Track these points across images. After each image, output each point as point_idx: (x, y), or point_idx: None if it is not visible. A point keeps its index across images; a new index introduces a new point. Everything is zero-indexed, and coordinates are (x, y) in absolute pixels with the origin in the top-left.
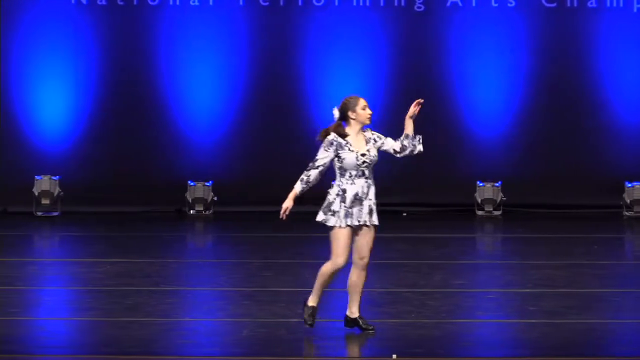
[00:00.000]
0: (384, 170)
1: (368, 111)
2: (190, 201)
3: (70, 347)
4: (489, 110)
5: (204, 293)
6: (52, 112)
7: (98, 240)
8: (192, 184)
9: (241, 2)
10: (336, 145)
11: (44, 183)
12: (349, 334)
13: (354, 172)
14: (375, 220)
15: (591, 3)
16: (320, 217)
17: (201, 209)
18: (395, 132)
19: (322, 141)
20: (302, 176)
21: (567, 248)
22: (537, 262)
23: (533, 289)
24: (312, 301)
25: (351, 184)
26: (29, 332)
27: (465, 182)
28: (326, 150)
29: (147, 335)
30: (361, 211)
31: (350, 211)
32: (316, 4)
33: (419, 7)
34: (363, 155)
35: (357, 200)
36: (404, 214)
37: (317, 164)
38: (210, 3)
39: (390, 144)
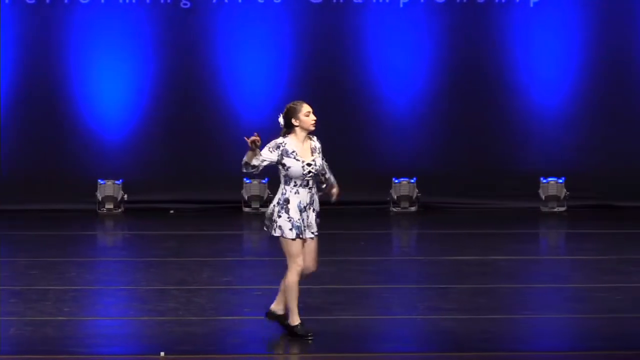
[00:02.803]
0: (148, 169)
1: (312, 117)
2: None
3: None
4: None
5: None
6: None
7: None
8: None
9: (7, 1)
10: (282, 151)
11: None
12: (117, 331)
13: (298, 182)
14: (316, 230)
15: None
16: (276, 232)
17: None
18: (148, 131)
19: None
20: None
21: (334, 244)
22: None
23: (299, 285)
24: (295, 320)
25: (295, 193)
26: None
27: (231, 179)
28: (270, 152)
29: None
30: (308, 221)
31: (297, 222)
32: (82, 1)
33: (185, 4)
34: (309, 165)
35: (301, 210)
36: (171, 212)
37: (260, 159)
38: None
39: (320, 165)
